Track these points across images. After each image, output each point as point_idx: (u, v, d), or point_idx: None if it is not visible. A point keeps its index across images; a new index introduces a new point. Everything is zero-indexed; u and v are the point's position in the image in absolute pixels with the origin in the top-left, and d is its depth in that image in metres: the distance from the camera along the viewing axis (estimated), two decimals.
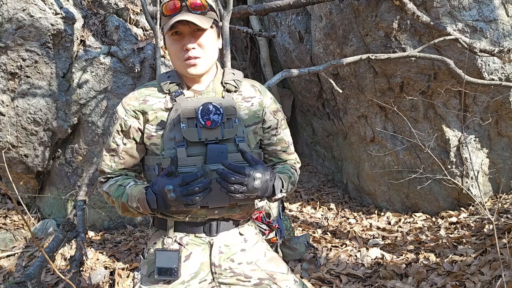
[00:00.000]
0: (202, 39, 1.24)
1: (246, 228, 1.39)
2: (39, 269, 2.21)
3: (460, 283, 2.27)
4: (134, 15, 3.59)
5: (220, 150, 1.23)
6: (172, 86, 1.30)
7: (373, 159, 3.89)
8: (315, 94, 4.43)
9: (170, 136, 1.24)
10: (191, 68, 1.25)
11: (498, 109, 3.31)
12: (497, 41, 3.08)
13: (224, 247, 1.32)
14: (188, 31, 1.23)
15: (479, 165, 3.44)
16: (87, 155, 3.37)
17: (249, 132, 1.33)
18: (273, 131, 1.40)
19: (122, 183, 1.26)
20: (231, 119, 1.26)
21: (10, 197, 3.54)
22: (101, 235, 3.38)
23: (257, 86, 1.41)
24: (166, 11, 1.22)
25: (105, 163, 1.32)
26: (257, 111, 1.35)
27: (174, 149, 1.23)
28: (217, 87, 1.33)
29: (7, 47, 3.00)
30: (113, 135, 1.31)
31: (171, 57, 1.29)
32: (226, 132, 1.25)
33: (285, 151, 1.42)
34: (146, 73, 3.29)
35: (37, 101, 3.17)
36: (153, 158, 1.28)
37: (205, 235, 1.30)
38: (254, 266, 1.34)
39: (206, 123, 1.22)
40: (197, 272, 1.29)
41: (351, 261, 2.78)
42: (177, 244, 1.30)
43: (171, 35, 1.24)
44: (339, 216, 3.84)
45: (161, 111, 1.28)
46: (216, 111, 1.24)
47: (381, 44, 3.35)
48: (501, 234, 2.59)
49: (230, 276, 1.31)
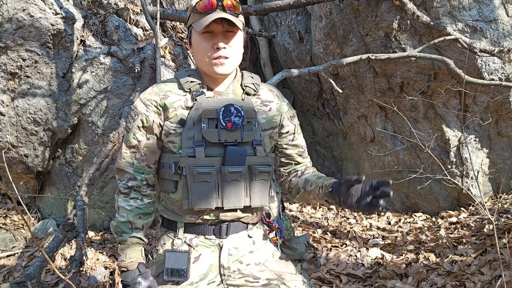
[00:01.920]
0: (233, 40, 1.25)
1: (255, 231, 1.39)
2: (39, 269, 2.20)
3: (460, 283, 2.28)
4: (134, 15, 3.59)
5: (239, 152, 1.24)
6: (194, 85, 1.29)
7: (373, 159, 3.89)
8: (315, 94, 4.43)
9: (189, 135, 1.24)
10: (220, 67, 1.25)
11: (498, 109, 3.31)
12: (497, 41, 3.08)
13: (233, 249, 1.32)
14: (220, 30, 1.23)
15: (479, 165, 3.44)
16: (87, 155, 3.37)
17: (265, 136, 1.33)
18: (290, 136, 1.41)
19: (133, 222, 1.28)
20: (251, 122, 1.27)
21: (10, 197, 3.54)
22: (101, 235, 3.38)
23: (275, 91, 1.42)
24: (200, 8, 1.22)
25: (126, 161, 1.30)
26: (274, 116, 1.36)
27: (192, 148, 1.23)
28: (236, 89, 1.34)
29: (7, 47, 3.00)
30: (133, 131, 1.29)
31: (197, 54, 1.29)
32: (246, 135, 1.25)
33: (300, 155, 1.44)
34: (146, 73, 3.29)
35: (37, 101, 3.17)
36: (169, 156, 1.28)
37: (215, 237, 1.30)
38: (262, 267, 1.34)
39: (227, 124, 1.23)
40: (206, 273, 1.29)
41: (351, 261, 2.78)
42: (186, 245, 1.30)
43: (203, 33, 1.24)
44: (339, 216, 3.84)
45: (181, 109, 1.27)
46: (237, 113, 1.24)
47: (381, 44, 3.35)
48: (501, 234, 2.59)
49: (238, 277, 1.31)
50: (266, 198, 1.30)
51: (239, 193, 1.25)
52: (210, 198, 1.23)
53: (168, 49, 3.70)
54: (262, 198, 1.29)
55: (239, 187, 1.25)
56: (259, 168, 1.26)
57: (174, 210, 1.31)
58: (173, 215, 1.32)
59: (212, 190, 1.23)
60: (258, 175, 1.26)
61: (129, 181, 1.30)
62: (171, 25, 4.01)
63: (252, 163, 1.26)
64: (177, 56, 3.76)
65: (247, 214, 1.31)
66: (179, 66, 3.75)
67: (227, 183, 1.23)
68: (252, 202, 1.27)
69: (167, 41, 3.70)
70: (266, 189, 1.30)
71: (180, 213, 1.29)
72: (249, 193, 1.27)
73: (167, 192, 1.30)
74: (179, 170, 1.24)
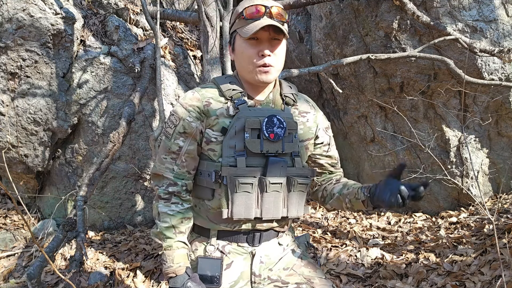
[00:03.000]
0: (278, 48, 1.25)
1: (284, 238, 1.39)
2: (39, 269, 2.20)
3: (460, 283, 2.28)
4: (134, 15, 3.59)
5: (281, 163, 1.24)
6: (235, 93, 1.28)
7: (373, 159, 3.89)
8: (315, 94, 4.43)
9: (230, 144, 1.23)
10: (264, 75, 1.24)
11: (498, 109, 3.31)
12: (497, 41, 3.08)
13: (265, 257, 1.32)
14: (267, 38, 1.23)
15: (479, 165, 3.44)
16: (87, 155, 3.37)
17: (302, 148, 1.34)
18: (325, 147, 1.42)
19: (176, 226, 1.26)
20: (292, 134, 1.28)
21: (10, 197, 3.54)
22: (101, 235, 3.38)
23: (310, 101, 1.43)
24: (247, 14, 1.22)
25: (166, 166, 1.29)
26: (311, 127, 1.37)
27: (233, 157, 1.22)
28: (276, 99, 1.33)
29: (7, 47, 3.00)
30: (174, 137, 1.28)
31: (241, 60, 1.27)
32: (287, 146, 1.26)
33: (333, 166, 1.45)
34: (146, 73, 3.29)
35: (37, 101, 3.17)
36: (208, 163, 1.27)
37: (247, 244, 1.31)
38: (290, 271, 1.34)
39: (270, 135, 1.23)
40: (236, 280, 1.29)
41: (351, 261, 2.78)
42: (219, 252, 1.29)
43: (249, 39, 1.23)
44: (339, 216, 3.84)
45: (223, 117, 1.26)
46: (280, 125, 1.24)
47: (381, 44, 3.35)
48: (501, 234, 2.58)
49: (267, 283, 1.31)
50: (302, 209, 1.32)
51: (278, 204, 1.26)
52: (250, 208, 1.23)
53: (168, 49, 3.71)
54: (298, 209, 1.30)
55: (278, 198, 1.26)
56: (298, 180, 1.27)
57: (208, 217, 1.30)
58: (206, 222, 1.31)
59: (252, 201, 1.23)
60: (297, 186, 1.27)
61: (169, 187, 1.28)
62: (171, 25, 4.01)
63: (291, 174, 1.26)
64: (177, 56, 3.77)
65: (281, 223, 1.32)
66: (179, 66, 3.75)
67: (267, 194, 1.24)
68: (289, 213, 1.28)
69: (167, 41, 3.71)
70: (302, 200, 1.31)
71: (215, 221, 1.29)
72: (287, 204, 1.28)
73: (203, 199, 1.30)
74: (219, 179, 1.23)
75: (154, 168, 1.32)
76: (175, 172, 1.28)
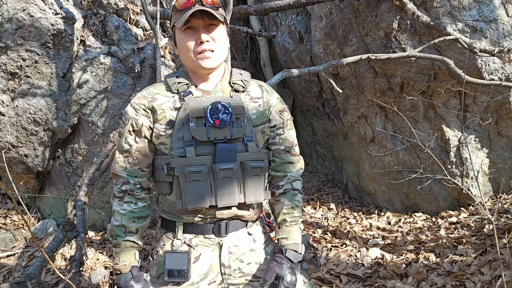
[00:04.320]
0: (215, 33, 1.26)
1: (254, 228, 1.38)
2: (39, 269, 2.20)
3: (460, 283, 2.28)
4: (134, 15, 3.59)
5: (229, 149, 1.24)
6: (181, 86, 1.30)
7: (373, 159, 3.89)
8: (315, 94, 4.43)
9: (179, 135, 1.24)
10: (205, 61, 1.25)
11: (498, 109, 3.31)
12: (497, 41, 3.08)
13: (234, 248, 1.31)
14: (202, 25, 1.24)
15: (479, 165, 3.44)
16: (87, 155, 3.37)
17: (257, 132, 1.33)
18: (278, 131, 1.39)
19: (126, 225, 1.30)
20: (240, 119, 1.27)
21: (10, 197, 3.54)
22: (101, 235, 3.38)
23: (265, 86, 1.41)
24: (179, 6, 1.24)
25: (119, 165, 1.32)
26: (264, 111, 1.36)
27: (182, 148, 1.23)
28: (225, 87, 1.34)
29: (7, 47, 3.00)
30: (125, 136, 1.31)
31: (182, 52, 1.29)
32: (235, 131, 1.25)
33: (288, 151, 1.41)
34: (146, 73, 3.29)
35: (37, 101, 3.17)
36: (161, 157, 1.29)
37: (214, 236, 1.30)
38: (263, 267, 1.34)
39: (215, 122, 1.23)
40: (206, 273, 1.29)
41: (351, 261, 2.78)
42: (186, 246, 1.30)
43: (185, 29, 1.25)
44: (339, 216, 3.84)
45: (169, 110, 1.28)
46: (225, 110, 1.24)
47: (381, 44, 3.35)
48: (501, 234, 2.59)
49: (239, 276, 1.31)
50: (261, 194, 1.30)
51: (233, 190, 1.25)
52: (203, 197, 1.23)
53: (168, 49, 3.71)
54: (257, 194, 1.29)
55: (232, 184, 1.25)
56: (251, 164, 1.26)
57: (171, 211, 1.31)
58: (171, 216, 1.32)
59: (204, 189, 1.23)
60: (251, 170, 1.26)
61: (123, 185, 1.31)
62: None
63: (244, 159, 1.25)
64: (177, 56, 3.77)
65: (244, 211, 1.31)
66: (179, 66, 3.75)
67: (220, 181, 1.23)
68: (247, 198, 1.27)
69: (167, 41, 3.70)
70: (260, 185, 1.29)
71: (177, 214, 1.29)
72: (243, 190, 1.26)
73: (163, 194, 1.31)
74: (171, 171, 1.25)
75: (112, 167, 1.35)
76: (128, 170, 1.31)
